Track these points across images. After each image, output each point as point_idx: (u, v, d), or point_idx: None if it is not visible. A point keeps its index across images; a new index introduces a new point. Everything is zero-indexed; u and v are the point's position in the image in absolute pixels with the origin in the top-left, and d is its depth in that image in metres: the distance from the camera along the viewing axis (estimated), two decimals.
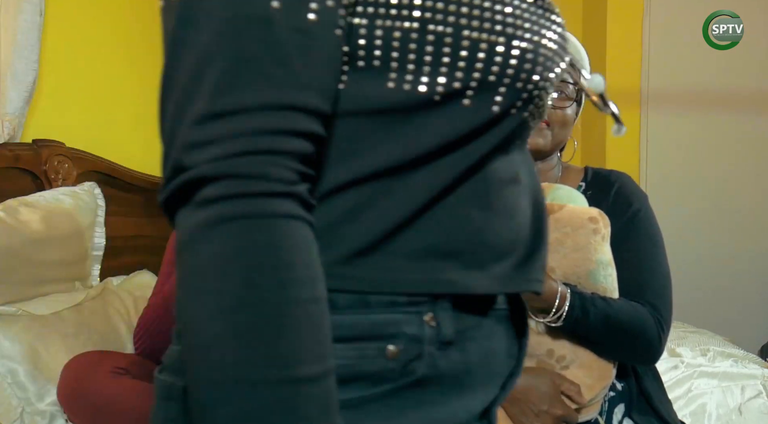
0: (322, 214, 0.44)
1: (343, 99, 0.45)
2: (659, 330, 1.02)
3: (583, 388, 1.01)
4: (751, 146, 2.80)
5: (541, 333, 1.01)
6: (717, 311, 2.76)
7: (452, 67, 0.46)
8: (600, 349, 1.02)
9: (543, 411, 0.98)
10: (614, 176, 1.16)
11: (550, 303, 0.96)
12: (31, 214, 1.49)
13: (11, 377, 1.20)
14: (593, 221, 0.99)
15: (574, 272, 1.00)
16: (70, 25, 1.94)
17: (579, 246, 0.99)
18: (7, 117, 1.60)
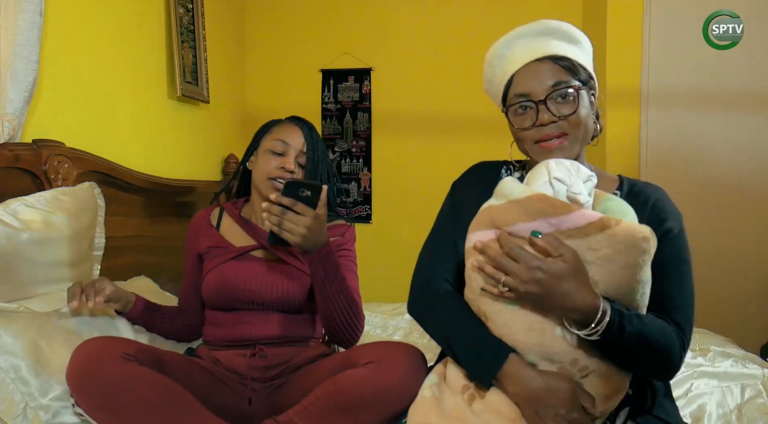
0: None
1: None
2: (681, 350, 1.03)
3: (600, 399, 1.00)
4: (752, 146, 2.80)
5: (571, 343, 1.00)
6: (717, 311, 2.76)
7: None
8: (626, 363, 1.02)
9: (560, 415, 0.97)
10: (650, 189, 1.16)
11: (591, 317, 0.95)
12: (31, 214, 1.48)
13: (14, 372, 1.21)
14: (646, 241, 0.97)
15: (617, 288, 0.99)
16: (70, 25, 1.94)
17: (629, 264, 0.97)
18: (7, 117, 1.60)
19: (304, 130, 1.55)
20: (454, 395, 1.06)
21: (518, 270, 0.95)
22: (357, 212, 3.39)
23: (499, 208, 1.03)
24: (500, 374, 1.01)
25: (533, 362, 1.02)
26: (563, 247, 0.96)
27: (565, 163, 1.03)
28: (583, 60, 1.14)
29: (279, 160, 1.52)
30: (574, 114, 1.09)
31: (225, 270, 1.50)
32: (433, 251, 1.20)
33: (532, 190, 1.02)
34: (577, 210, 0.98)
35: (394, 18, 3.30)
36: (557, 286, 0.94)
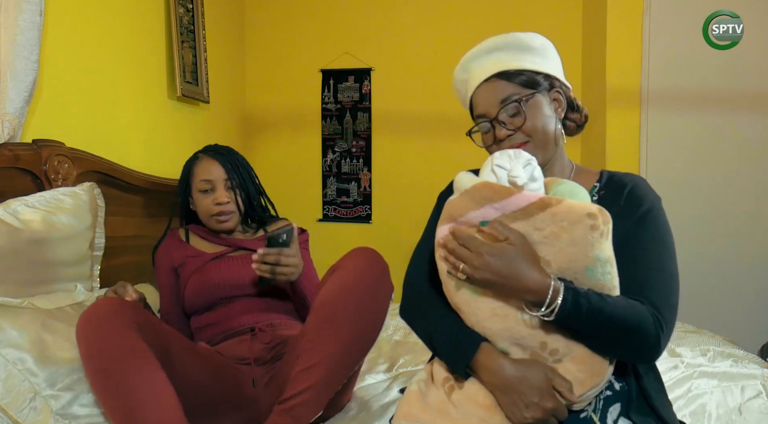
0: None
1: None
2: (658, 329, 1.01)
3: (575, 383, 1.01)
4: (751, 146, 2.80)
5: (535, 326, 1.02)
6: (717, 311, 2.76)
7: None
8: (594, 344, 1.02)
9: (533, 403, 0.99)
10: (628, 178, 1.17)
11: (543, 297, 0.97)
12: (31, 214, 1.49)
13: (21, 364, 1.23)
14: (591, 217, 0.99)
15: (570, 267, 1.01)
16: (70, 25, 1.94)
17: (575, 241, 0.99)
18: (7, 117, 1.60)
19: (220, 160, 1.72)
20: (438, 388, 1.10)
21: (470, 257, 0.99)
22: (357, 212, 3.39)
23: (454, 201, 1.07)
24: (474, 363, 1.05)
25: (505, 350, 1.04)
26: (508, 230, 1.00)
27: (507, 152, 1.07)
28: (538, 64, 1.16)
29: (210, 197, 1.71)
30: (524, 124, 1.13)
31: (205, 270, 1.65)
32: (419, 257, 1.24)
33: (478, 179, 1.06)
34: (517, 193, 1.01)
35: (394, 18, 3.30)
36: (507, 268, 0.98)
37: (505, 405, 1.02)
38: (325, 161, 3.40)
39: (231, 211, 1.70)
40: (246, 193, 1.74)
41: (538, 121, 1.13)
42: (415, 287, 1.21)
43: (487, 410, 1.02)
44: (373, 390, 1.63)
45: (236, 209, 1.72)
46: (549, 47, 1.20)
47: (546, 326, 1.01)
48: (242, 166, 1.76)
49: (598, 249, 0.99)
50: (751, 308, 2.79)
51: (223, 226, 1.71)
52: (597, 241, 0.99)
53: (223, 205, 1.69)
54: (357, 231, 3.39)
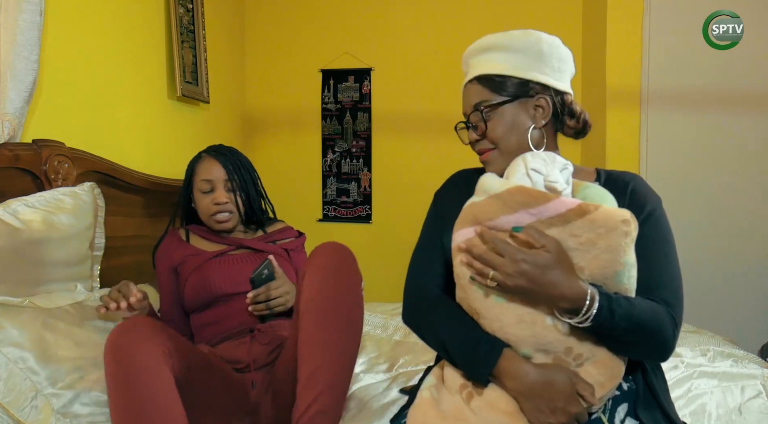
0: None
1: None
2: (673, 327, 1.03)
3: (596, 386, 1.01)
4: (751, 146, 2.80)
5: (563, 332, 1.00)
6: (717, 311, 2.76)
7: None
8: (619, 347, 1.02)
9: (559, 408, 0.98)
10: (628, 177, 1.16)
11: (580, 304, 0.96)
12: (31, 214, 1.49)
13: (22, 362, 1.23)
14: (626, 224, 0.98)
15: (602, 273, 1.00)
16: (70, 25, 1.94)
17: (611, 248, 0.98)
18: (7, 117, 1.60)
19: (221, 161, 1.74)
20: (453, 394, 1.07)
21: (503, 264, 0.97)
22: (357, 212, 3.39)
23: (480, 204, 1.04)
24: (496, 370, 1.02)
25: (528, 355, 1.03)
26: (545, 237, 0.98)
27: (540, 154, 1.06)
28: (524, 69, 1.13)
29: (210, 197, 1.72)
30: (486, 134, 1.15)
31: (204, 268, 1.66)
32: (421, 260, 1.22)
33: (511, 182, 1.04)
34: (555, 198, 0.99)
35: (394, 18, 3.30)
36: (543, 276, 0.96)
37: (529, 411, 1.00)
38: (325, 161, 3.40)
39: (230, 211, 1.72)
40: (246, 195, 1.76)
41: (500, 130, 1.13)
42: (421, 292, 1.18)
43: (509, 417, 1.00)
44: (373, 390, 1.63)
45: (235, 210, 1.74)
46: (546, 49, 1.14)
47: (574, 331, 1.00)
48: (244, 168, 1.77)
49: (628, 255, 0.99)
50: (751, 308, 2.79)
51: (222, 226, 1.73)
52: (628, 247, 0.99)
53: (221, 206, 1.71)
54: (357, 231, 3.39)
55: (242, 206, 1.75)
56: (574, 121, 1.18)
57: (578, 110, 1.18)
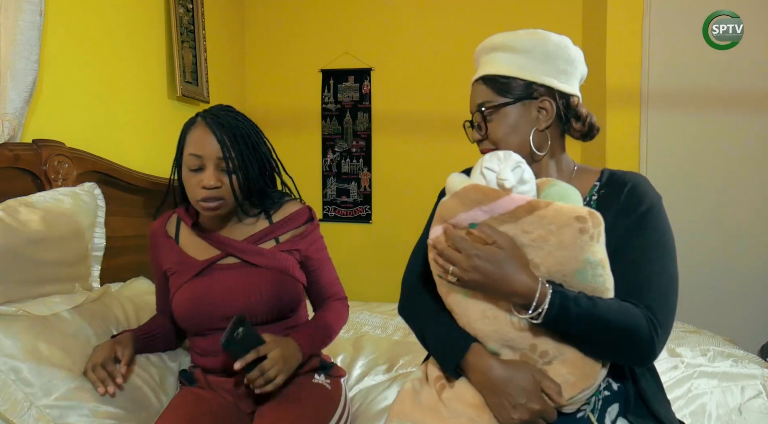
0: None
1: None
2: (652, 332, 1.00)
3: (565, 385, 1.01)
4: (751, 146, 2.80)
5: (524, 329, 1.02)
6: (717, 311, 2.76)
7: None
8: (586, 347, 1.02)
9: (520, 404, 1.00)
10: (629, 177, 1.16)
11: (530, 300, 0.98)
12: (31, 214, 1.48)
13: (15, 374, 1.19)
14: (580, 220, 0.98)
15: (560, 270, 1.01)
16: (70, 25, 1.94)
17: (564, 244, 0.99)
18: (7, 117, 1.60)
19: (216, 133, 1.34)
20: (430, 386, 1.12)
21: (460, 259, 1.00)
22: (357, 212, 3.39)
23: (444, 203, 1.07)
24: (463, 363, 1.07)
25: (495, 351, 1.05)
26: (497, 234, 1.01)
27: (498, 154, 1.07)
28: (530, 70, 1.13)
29: (198, 178, 1.34)
30: (486, 134, 1.16)
31: (193, 289, 1.39)
32: (415, 258, 1.25)
33: (468, 181, 1.07)
34: (505, 195, 1.01)
35: (394, 18, 3.30)
36: (495, 271, 0.99)
37: (492, 405, 1.03)
38: (325, 161, 3.40)
39: (220, 197, 1.35)
40: (246, 175, 1.38)
41: (500, 132, 1.14)
42: (411, 286, 1.23)
43: (475, 410, 1.04)
44: (373, 391, 1.63)
45: (230, 196, 1.36)
46: (553, 50, 1.13)
47: (535, 328, 1.01)
48: (247, 142, 1.38)
49: (589, 252, 0.99)
50: (751, 308, 2.79)
51: (210, 214, 1.37)
52: (587, 244, 0.99)
53: (209, 191, 1.34)
54: (357, 231, 3.39)
55: (239, 191, 1.37)
56: (580, 124, 1.17)
57: (584, 113, 1.17)
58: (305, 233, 1.47)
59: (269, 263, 1.40)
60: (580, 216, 0.99)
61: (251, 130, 1.41)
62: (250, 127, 1.42)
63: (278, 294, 1.39)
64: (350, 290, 3.23)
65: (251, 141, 1.40)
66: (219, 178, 1.35)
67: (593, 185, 1.17)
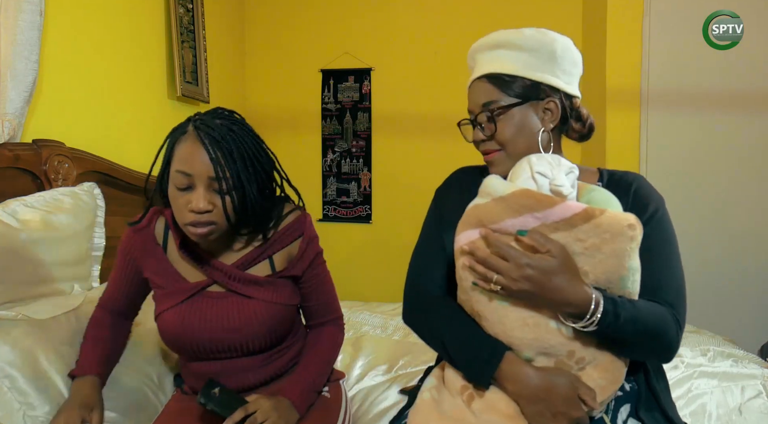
0: None
1: None
2: (677, 329, 1.03)
3: (597, 390, 1.01)
4: (751, 146, 2.80)
5: (567, 336, 1.00)
6: (717, 311, 2.76)
7: None
8: (624, 350, 1.02)
9: (560, 412, 0.98)
10: (631, 177, 1.16)
11: (585, 309, 0.96)
12: (30, 214, 1.48)
13: (9, 381, 1.16)
14: (632, 229, 0.97)
15: (606, 278, 0.99)
16: (70, 25, 1.94)
17: (616, 253, 0.97)
18: (7, 117, 1.60)
19: (209, 148, 1.15)
20: (454, 396, 1.07)
21: (508, 269, 0.96)
22: (357, 212, 3.39)
23: (484, 207, 1.03)
24: (498, 373, 1.02)
25: (529, 358, 1.02)
26: (550, 242, 0.97)
27: (546, 157, 1.04)
28: (535, 70, 1.11)
29: (186, 198, 1.17)
30: (494, 135, 1.12)
31: (182, 315, 1.25)
32: (422, 259, 1.21)
33: (516, 185, 1.03)
34: (561, 202, 0.98)
35: (394, 18, 3.30)
36: (548, 281, 0.95)
37: (530, 415, 1.00)
38: (325, 161, 3.40)
39: (211, 222, 1.17)
40: (242, 195, 1.19)
41: (508, 133, 1.11)
42: (421, 292, 1.17)
43: (510, 420, 1.00)
44: (373, 392, 1.63)
45: (222, 219, 1.18)
46: (559, 51, 1.12)
47: (578, 335, 1.00)
48: (245, 157, 1.20)
49: (633, 259, 0.99)
50: (751, 308, 2.79)
51: (199, 240, 1.21)
52: (633, 251, 0.98)
53: (198, 215, 1.16)
54: (357, 231, 3.39)
55: (233, 215, 1.19)
56: (580, 125, 1.17)
57: (585, 114, 1.17)
58: (300, 253, 1.31)
59: (265, 296, 1.26)
60: (631, 224, 0.97)
61: (250, 141, 1.22)
62: (249, 139, 1.22)
63: (275, 327, 1.28)
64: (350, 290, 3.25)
65: (250, 155, 1.21)
66: (210, 200, 1.16)
67: (596, 185, 1.17)
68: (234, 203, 1.18)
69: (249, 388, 1.28)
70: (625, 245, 0.97)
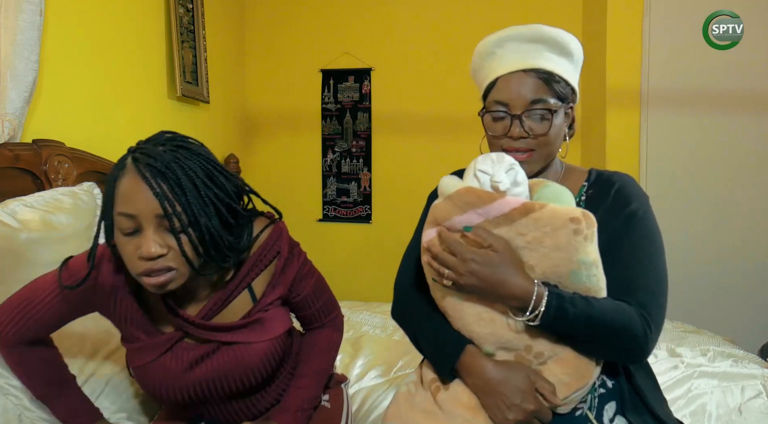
0: None
1: None
2: (646, 329, 1.01)
3: (560, 385, 1.02)
4: (751, 146, 2.80)
5: (520, 330, 1.02)
6: (717, 311, 2.76)
7: None
8: (582, 347, 1.03)
9: (515, 404, 1.00)
10: (616, 177, 1.16)
11: (527, 302, 0.98)
12: (30, 214, 1.48)
13: (17, 400, 1.17)
14: (575, 221, 0.99)
15: (555, 272, 1.01)
16: (70, 25, 1.94)
17: (559, 246, 0.99)
18: (7, 117, 1.60)
19: (152, 183, 0.98)
20: (425, 389, 1.12)
21: (455, 264, 1.00)
22: (357, 212, 3.39)
23: (438, 206, 1.06)
24: (458, 365, 1.07)
25: (490, 352, 1.05)
26: (492, 237, 1.00)
27: (491, 156, 1.06)
28: (570, 74, 1.13)
29: (134, 244, 0.99)
30: (545, 135, 1.11)
31: (165, 369, 1.11)
32: (408, 260, 1.25)
33: (461, 184, 1.05)
34: (500, 198, 1.01)
35: (394, 18, 3.30)
36: (491, 275, 0.98)
37: (487, 406, 1.03)
38: (325, 161, 3.40)
39: (168, 268, 0.99)
40: (200, 234, 1.00)
41: (552, 135, 1.11)
42: (404, 289, 1.22)
43: (471, 411, 1.04)
44: (373, 392, 1.63)
45: (182, 264, 1.00)
46: (582, 59, 1.16)
47: (531, 329, 1.01)
48: (196, 185, 1.01)
49: (583, 253, 0.99)
50: (751, 308, 2.79)
51: (159, 291, 1.02)
52: (581, 245, 0.99)
53: (152, 262, 0.98)
54: (357, 231, 3.39)
55: (193, 255, 1.01)
56: (572, 131, 1.19)
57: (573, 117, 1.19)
58: (278, 274, 1.15)
59: (250, 338, 1.12)
60: (574, 217, 0.99)
61: (202, 166, 1.02)
62: (200, 162, 1.03)
63: (269, 364, 1.16)
64: (350, 290, 3.25)
65: (203, 182, 1.01)
66: (163, 242, 0.98)
67: (582, 186, 1.18)
68: (193, 242, 1.00)
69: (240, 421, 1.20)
70: (569, 239, 0.98)
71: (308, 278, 1.22)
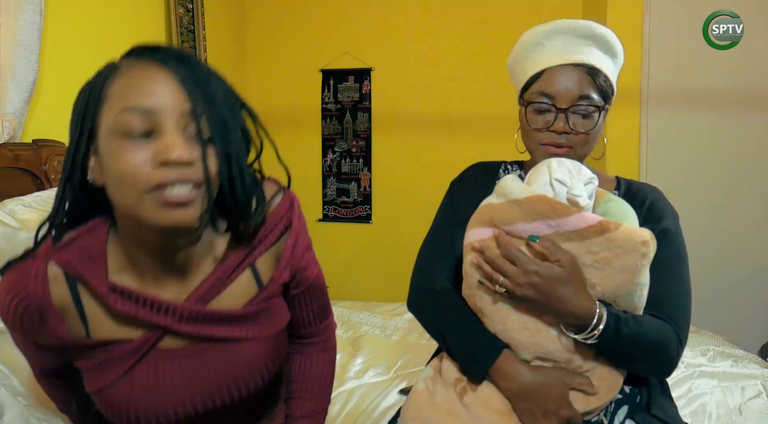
0: None
1: None
2: (678, 346, 1.02)
3: (592, 397, 1.01)
4: (751, 146, 2.80)
5: (566, 344, 1.00)
6: (717, 311, 2.76)
7: None
8: (622, 363, 1.02)
9: (550, 411, 0.98)
10: (648, 190, 1.16)
11: (587, 322, 0.95)
12: (29, 214, 1.48)
13: (4, 378, 1.18)
14: (645, 245, 0.95)
15: (614, 292, 0.98)
16: (70, 25, 1.94)
17: (626, 268, 0.96)
18: (7, 117, 1.60)
19: (178, 71, 0.76)
20: (447, 388, 1.07)
21: (515, 273, 0.95)
22: (357, 212, 3.39)
23: (498, 207, 1.02)
24: (493, 368, 1.02)
25: (527, 359, 1.02)
26: (560, 251, 0.96)
27: (567, 164, 1.02)
28: (613, 74, 1.13)
29: (148, 151, 0.73)
30: (588, 132, 1.08)
31: (129, 390, 0.82)
32: (431, 249, 1.21)
33: (532, 190, 1.00)
34: (576, 213, 0.96)
35: (394, 18, 3.30)
36: (553, 291, 0.94)
37: (521, 412, 1.00)
38: (325, 161, 3.40)
39: (193, 182, 0.74)
40: (227, 158, 0.78)
41: (593, 134, 1.10)
42: (428, 282, 1.17)
43: (501, 416, 1.01)
44: (372, 392, 1.63)
45: (203, 186, 0.75)
46: (623, 61, 1.15)
47: (577, 345, 0.99)
48: (227, 94, 0.84)
49: (643, 275, 0.97)
50: (751, 308, 2.79)
51: (176, 218, 0.74)
52: (644, 267, 0.97)
53: (177, 171, 0.73)
54: (357, 231, 3.39)
55: (215, 178, 0.77)
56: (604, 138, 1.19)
57: None
58: (289, 252, 0.91)
59: (252, 334, 0.88)
60: (645, 241, 0.95)
61: (223, 82, 0.85)
62: (220, 78, 0.84)
63: (268, 369, 0.91)
64: (350, 290, 3.25)
65: (234, 97, 0.85)
66: (189, 147, 0.74)
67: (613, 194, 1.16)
68: (220, 157, 0.77)
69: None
70: (637, 261, 0.95)
71: (313, 267, 0.98)
